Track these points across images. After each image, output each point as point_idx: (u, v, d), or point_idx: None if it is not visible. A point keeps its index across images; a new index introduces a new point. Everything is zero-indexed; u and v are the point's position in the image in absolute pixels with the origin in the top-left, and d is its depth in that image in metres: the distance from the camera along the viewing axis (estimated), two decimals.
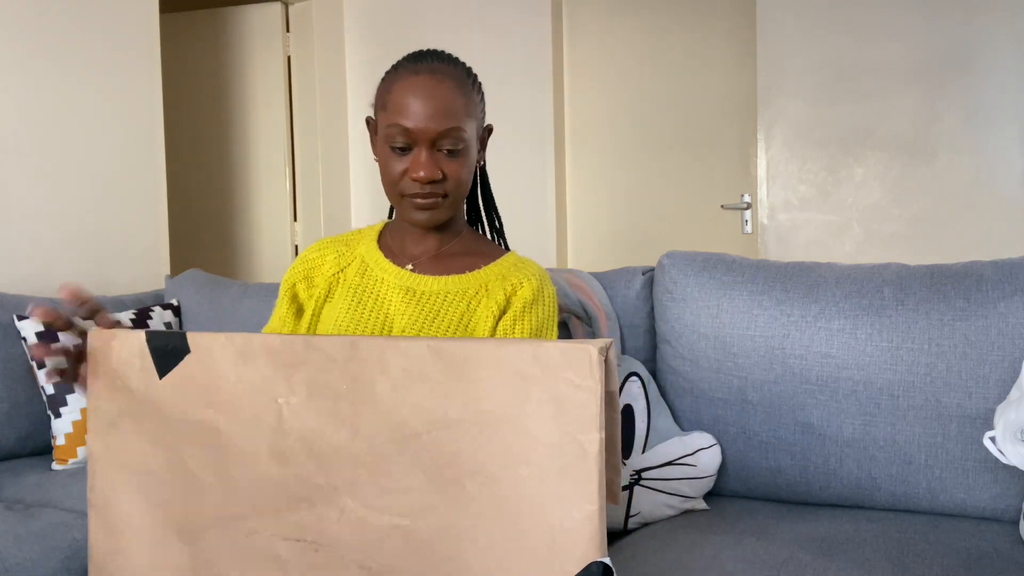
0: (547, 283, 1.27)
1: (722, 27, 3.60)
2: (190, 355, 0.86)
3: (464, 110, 1.18)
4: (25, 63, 2.61)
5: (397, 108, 1.17)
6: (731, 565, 1.26)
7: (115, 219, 2.89)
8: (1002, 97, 3.04)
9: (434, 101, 1.15)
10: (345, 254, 1.33)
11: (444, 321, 1.22)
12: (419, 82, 1.16)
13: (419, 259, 1.28)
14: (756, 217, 3.46)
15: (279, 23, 3.96)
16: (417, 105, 1.15)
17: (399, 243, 1.30)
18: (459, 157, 1.18)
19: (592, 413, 0.72)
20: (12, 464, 2.06)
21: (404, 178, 1.19)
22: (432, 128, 1.15)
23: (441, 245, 1.29)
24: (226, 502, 0.86)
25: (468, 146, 1.19)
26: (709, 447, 1.59)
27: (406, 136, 1.17)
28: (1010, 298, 1.45)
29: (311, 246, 1.37)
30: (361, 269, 1.30)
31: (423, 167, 1.16)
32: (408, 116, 1.16)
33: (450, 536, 0.78)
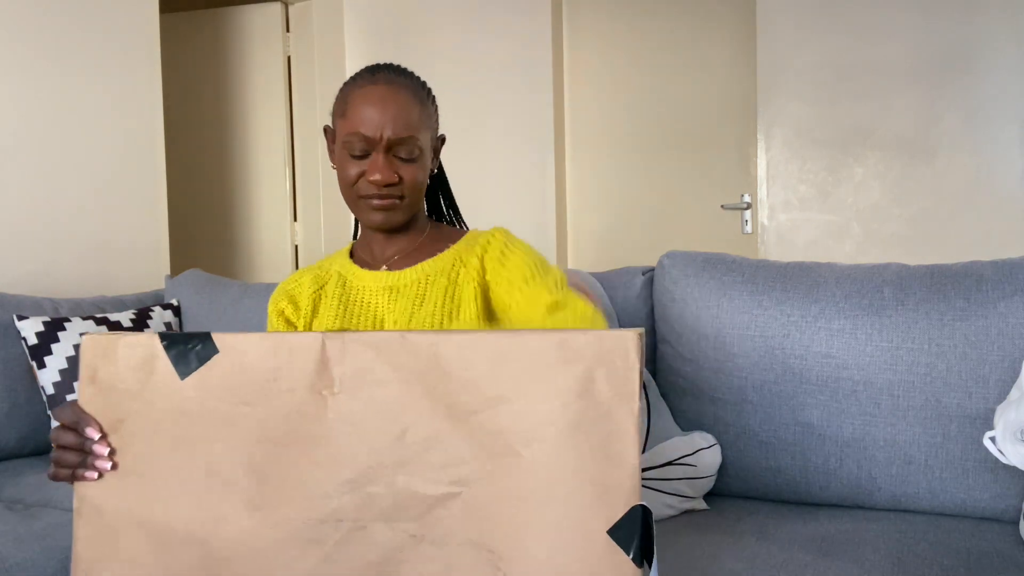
0: (512, 234, 1.32)
1: (722, 27, 3.60)
2: (218, 355, 0.88)
3: (419, 120, 1.24)
4: (25, 63, 2.61)
5: (356, 117, 1.23)
6: (731, 565, 1.26)
7: (115, 219, 2.89)
8: (1002, 97, 3.04)
9: (391, 110, 1.22)
10: (320, 275, 1.38)
11: (431, 302, 1.26)
12: (376, 92, 1.23)
13: (391, 259, 1.33)
14: (756, 217, 3.46)
15: (279, 23, 3.96)
16: (375, 113, 1.21)
17: (369, 252, 1.36)
18: (414, 163, 1.24)
19: (633, 386, 0.84)
20: (12, 464, 2.06)
21: (360, 180, 1.25)
22: (388, 135, 1.21)
23: (410, 244, 1.34)
24: (256, 495, 0.87)
25: (423, 154, 1.25)
26: (709, 447, 1.59)
27: (364, 143, 1.23)
28: (1010, 298, 1.45)
29: (286, 279, 1.42)
30: (340, 281, 1.35)
31: (379, 170, 1.22)
32: (366, 124, 1.22)
33: (505, 498, 0.83)
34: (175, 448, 0.89)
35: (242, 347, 0.88)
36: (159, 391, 0.89)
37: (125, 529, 0.89)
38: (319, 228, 3.97)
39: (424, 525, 0.84)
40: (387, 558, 0.85)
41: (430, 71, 3.90)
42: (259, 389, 0.87)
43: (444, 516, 0.84)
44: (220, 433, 0.88)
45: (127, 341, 0.90)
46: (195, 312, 2.42)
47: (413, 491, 0.85)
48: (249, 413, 0.88)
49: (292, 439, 0.87)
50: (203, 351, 0.88)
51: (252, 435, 0.87)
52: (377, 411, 0.86)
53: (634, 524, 0.82)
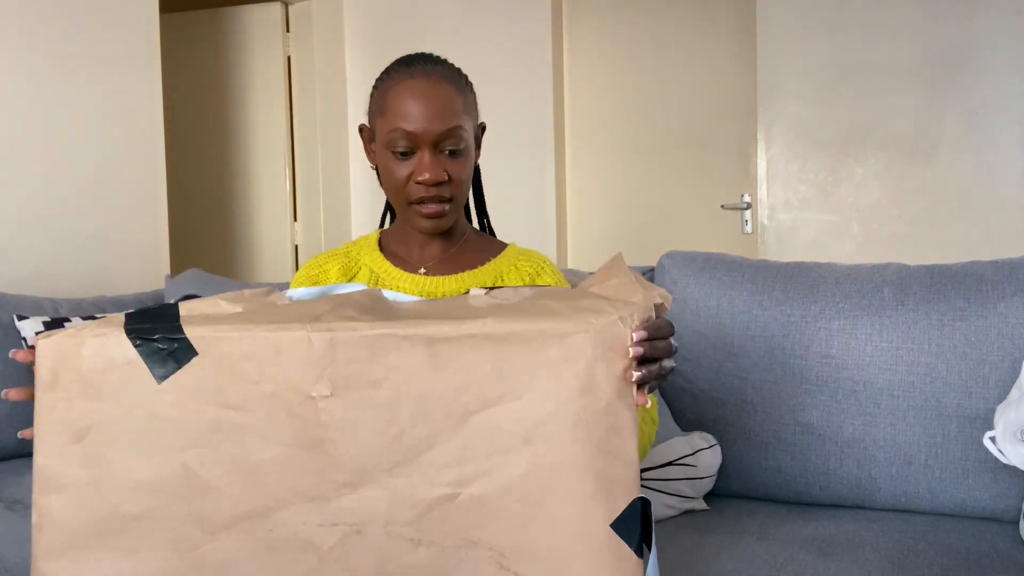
0: (557, 268, 1.30)
1: (722, 27, 3.60)
2: (198, 357, 0.82)
3: (462, 108, 1.18)
4: (25, 63, 2.61)
5: (397, 112, 1.16)
6: (731, 565, 1.26)
7: (115, 219, 2.89)
8: (1002, 97, 3.04)
9: (434, 102, 1.15)
10: (349, 265, 1.30)
11: None
12: (416, 85, 1.16)
13: (429, 263, 1.27)
14: (756, 217, 3.46)
15: (279, 23, 3.96)
16: (417, 107, 1.15)
17: (405, 249, 1.29)
18: (461, 157, 1.18)
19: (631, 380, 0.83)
20: (12, 464, 2.06)
21: (409, 183, 1.18)
22: (434, 129, 1.15)
23: (449, 247, 1.28)
24: (243, 501, 0.83)
25: (469, 145, 1.19)
26: (709, 447, 1.59)
27: (408, 139, 1.15)
28: (1010, 298, 1.45)
29: (308, 262, 1.34)
30: (372, 280, 1.28)
31: (428, 169, 1.15)
32: (409, 119, 1.15)
33: (506, 496, 0.82)
34: (151, 456, 0.83)
35: (223, 347, 0.82)
36: (131, 396, 0.82)
37: (93, 547, 0.83)
38: (319, 228, 3.97)
39: (422, 528, 0.82)
40: (385, 562, 0.83)
41: None
42: (244, 393, 0.82)
43: (443, 518, 0.82)
44: (203, 439, 0.83)
45: (92, 343, 0.82)
46: None
47: (411, 493, 0.82)
48: (234, 418, 0.82)
49: (281, 444, 0.82)
50: (180, 353, 0.82)
51: (238, 441, 0.82)
52: (371, 412, 0.82)
53: (634, 516, 0.82)
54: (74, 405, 0.83)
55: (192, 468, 0.83)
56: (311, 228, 4.00)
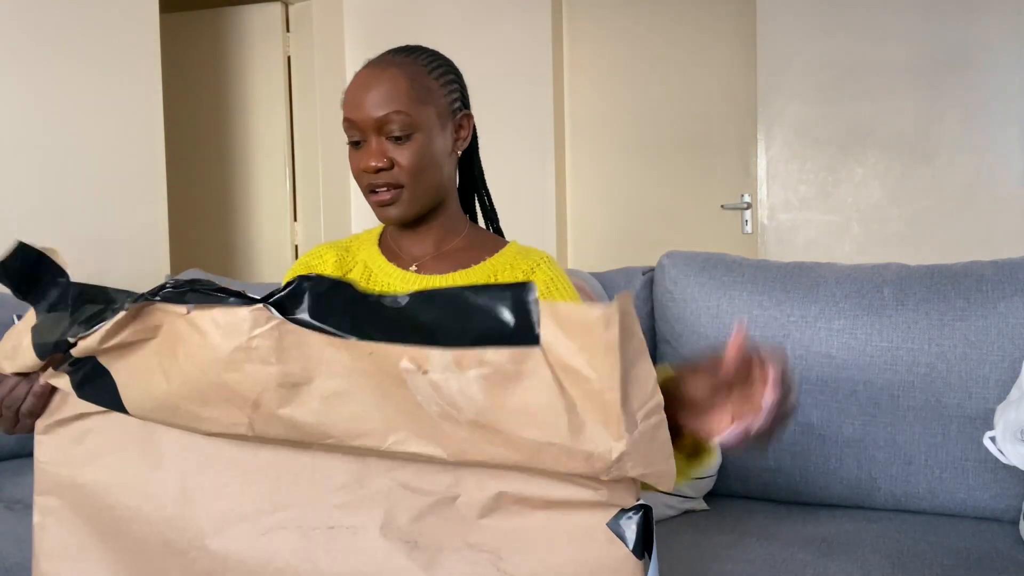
0: (558, 266, 1.26)
1: (722, 27, 3.60)
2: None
3: (409, 94, 1.15)
4: (26, 63, 2.61)
5: (346, 102, 1.17)
6: (731, 565, 1.26)
7: (115, 219, 2.89)
8: (1002, 97, 3.04)
9: (376, 88, 1.14)
10: (346, 259, 1.30)
11: None
12: (363, 74, 1.17)
13: (421, 259, 1.25)
14: (756, 217, 3.46)
15: (279, 23, 3.96)
16: (359, 95, 1.15)
17: (399, 244, 1.27)
18: (408, 143, 1.15)
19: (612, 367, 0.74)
20: (12, 464, 2.06)
21: (361, 174, 1.18)
22: (372, 115, 1.14)
23: (442, 243, 1.26)
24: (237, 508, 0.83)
25: (419, 131, 1.16)
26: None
27: (353, 128, 1.16)
28: (1010, 298, 1.45)
29: (309, 252, 1.33)
30: (365, 275, 1.27)
31: (370, 156, 1.15)
32: (351, 107, 1.16)
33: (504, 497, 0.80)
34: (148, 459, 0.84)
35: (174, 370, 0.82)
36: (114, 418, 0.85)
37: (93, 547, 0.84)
38: (319, 228, 3.97)
39: (417, 532, 0.81)
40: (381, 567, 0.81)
41: None
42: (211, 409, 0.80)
43: (440, 522, 0.81)
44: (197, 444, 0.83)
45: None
46: None
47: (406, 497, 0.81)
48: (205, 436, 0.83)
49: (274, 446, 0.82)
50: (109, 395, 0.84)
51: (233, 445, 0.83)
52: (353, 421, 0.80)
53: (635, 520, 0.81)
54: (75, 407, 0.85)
55: (188, 471, 0.83)
56: (311, 228, 4.00)
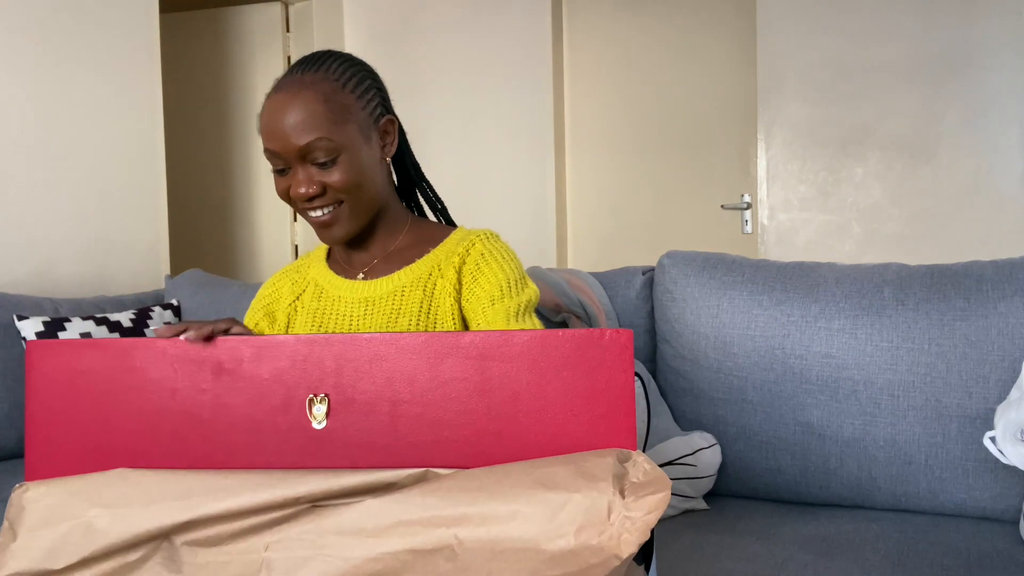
0: (499, 239, 1.24)
1: (722, 27, 3.60)
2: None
3: (328, 116, 1.14)
4: (26, 64, 2.61)
5: (263, 131, 1.16)
6: (731, 565, 1.26)
7: (115, 219, 2.89)
8: (1002, 97, 3.04)
9: (290, 117, 1.13)
10: (298, 281, 1.31)
11: (405, 316, 1.18)
12: (276, 101, 1.16)
13: (370, 264, 1.25)
14: (756, 217, 3.46)
15: (279, 23, 3.96)
16: (275, 125, 1.14)
17: (346, 255, 1.28)
18: (335, 165, 1.15)
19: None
20: (12, 464, 2.06)
21: (291, 199, 1.18)
22: (294, 145, 1.13)
23: (387, 246, 1.26)
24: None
25: (344, 152, 1.15)
26: (709, 447, 1.59)
27: (276, 157, 1.16)
28: (1010, 298, 1.45)
29: (266, 283, 1.35)
30: (316, 293, 1.27)
31: (299, 184, 1.15)
32: (269, 138, 1.15)
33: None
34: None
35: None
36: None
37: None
38: None
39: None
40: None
41: (430, 71, 3.92)
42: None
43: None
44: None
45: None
46: (195, 312, 2.42)
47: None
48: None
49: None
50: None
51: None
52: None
53: None
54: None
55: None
56: (311, 228, 3.99)
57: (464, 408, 0.84)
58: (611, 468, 0.77)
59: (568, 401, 0.83)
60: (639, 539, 0.74)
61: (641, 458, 0.80)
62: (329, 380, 0.87)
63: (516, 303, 1.17)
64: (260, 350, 0.88)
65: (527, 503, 0.77)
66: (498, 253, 1.21)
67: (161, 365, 0.89)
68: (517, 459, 0.83)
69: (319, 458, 0.86)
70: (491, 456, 0.83)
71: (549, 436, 0.83)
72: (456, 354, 0.85)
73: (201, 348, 0.89)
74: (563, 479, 0.77)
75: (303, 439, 0.86)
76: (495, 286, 1.18)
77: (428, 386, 0.85)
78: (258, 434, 0.87)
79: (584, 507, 0.75)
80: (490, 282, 1.18)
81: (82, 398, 0.90)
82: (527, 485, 0.78)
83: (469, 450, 0.84)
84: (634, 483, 0.77)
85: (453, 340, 0.85)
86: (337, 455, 0.86)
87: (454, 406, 0.85)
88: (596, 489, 0.76)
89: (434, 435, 0.85)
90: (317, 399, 0.87)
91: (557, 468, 0.79)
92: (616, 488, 0.76)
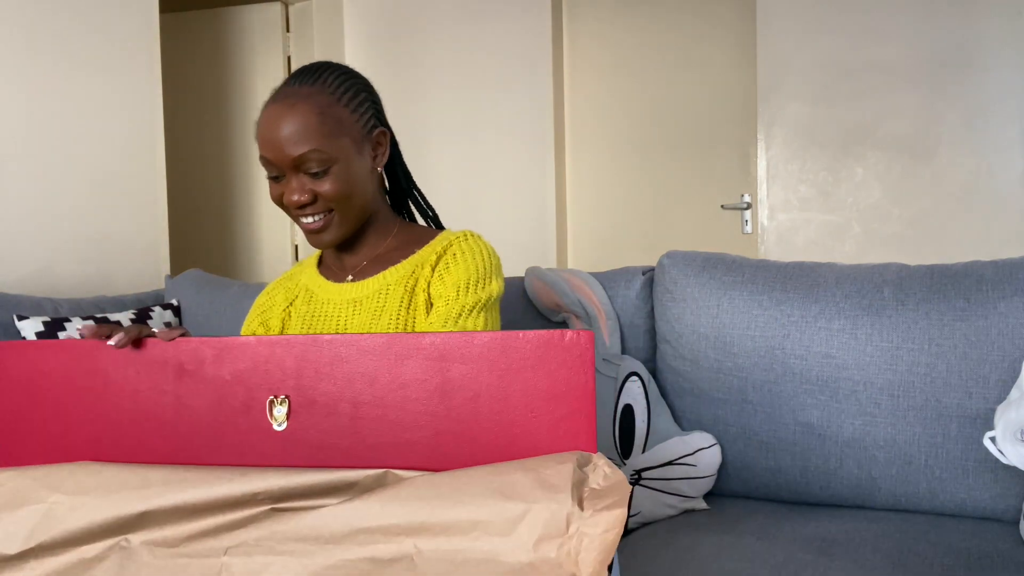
0: (479, 238, 1.27)
1: (722, 27, 3.60)
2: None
3: (321, 129, 1.18)
4: (25, 63, 2.61)
5: (259, 139, 1.20)
6: (731, 565, 1.26)
7: (115, 219, 2.89)
8: (1002, 97, 3.04)
9: (285, 128, 1.17)
10: (291, 288, 1.35)
11: (388, 314, 1.22)
12: (273, 111, 1.19)
13: (359, 267, 1.29)
14: (756, 217, 3.46)
15: (279, 23, 3.96)
16: (271, 135, 1.18)
17: (335, 260, 1.33)
18: (327, 176, 1.19)
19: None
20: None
21: (285, 206, 1.22)
22: (289, 154, 1.17)
23: (375, 249, 1.30)
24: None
25: (337, 163, 1.19)
26: (709, 447, 1.59)
27: (270, 165, 1.20)
28: (1010, 298, 1.45)
29: (262, 292, 1.39)
30: (307, 298, 1.32)
31: (292, 192, 1.19)
32: (266, 147, 1.19)
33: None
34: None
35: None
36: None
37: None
38: None
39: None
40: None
41: (430, 71, 3.92)
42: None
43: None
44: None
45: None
46: (195, 312, 2.42)
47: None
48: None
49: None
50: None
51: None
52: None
53: None
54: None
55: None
56: None
57: (425, 409, 0.84)
58: (571, 476, 0.77)
59: (529, 402, 0.82)
60: (601, 559, 0.73)
61: (602, 461, 0.80)
62: (290, 381, 0.86)
63: (472, 301, 1.20)
64: (221, 351, 0.88)
65: (486, 513, 0.77)
66: (469, 252, 1.24)
67: (123, 366, 0.90)
68: (478, 460, 0.83)
69: (280, 459, 0.86)
70: (452, 457, 0.83)
71: (510, 438, 0.83)
72: (417, 355, 0.84)
73: (165, 348, 0.89)
74: (522, 488, 0.77)
75: (264, 440, 0.86)
76: (454, 285, 1.21)
77: (389, 387, 0.85)
78: (219, 435, 0.87)
79: (543, 519, 0.75)
80: (453, 280, 1.21)
81: (45, 399, 0.91)
82: (487, 494, 0.78)
83: (430, 452, 0.84)
84: (594, 490, 0.77)
85: (414, 341, 0.85)
86: (298, 456, 0.86)
87: (415, 407, 0.84)
88: (555, 500, 0.75)
89: (395, 436, 0.84)
90: (278, 400, 0.87)
91: (517, 476, 0.79)
92: (575, 498, 0.76)
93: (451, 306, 1.20)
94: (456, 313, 1.19)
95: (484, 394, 0.83)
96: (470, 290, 1.21)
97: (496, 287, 1.24)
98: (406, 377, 0.84)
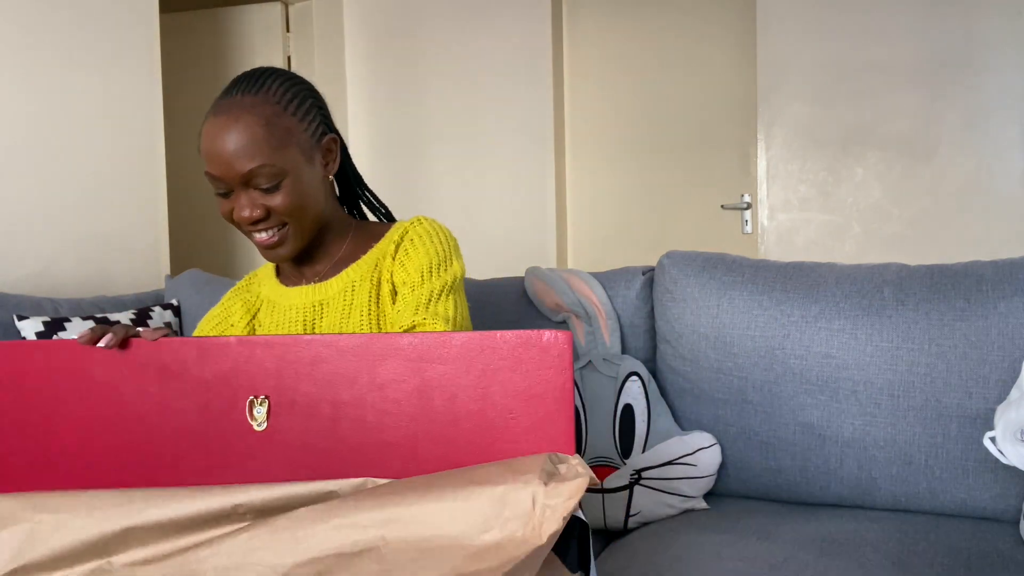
0: (433, 222, 1.26)
1: (722, 27, 3.60)
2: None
3: (269, 142, 1.13)
4: (25, 63, 2.61)
5: (204, 154, 1.16)
6: (731, 565, 1.26)
7: (115, 219, 2.89)
8: (1002, 97, 3.04)
9: (231, 143, 1.12)
10: (250, 300, 1.32)
11: (357, 311, 1.20)
12: (216, 124, 1.14)
13: (320, 273, 1.28)
14: (756, 217, 3.46)
15: (279, 23, 3.96)
16: (216, 150, 1.13)
17: (294, 270, 1.30)
18: (279, 189, 1.15)
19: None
20: None
21: (234, 219, 1.18)
22: (236, 171, 1.13)
23: (334, 255, 1.28)
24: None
25: (287, 176, 1.15)
26: (709, 447, 1.59)
27: (218, 181, 1.16)
28: (1010, 298, 1.45)
29: (219, 303, 1.36)
30: (269, 308, 1.29)
31: (242, 208, 1.15)
32: (212, 163, 1.14)
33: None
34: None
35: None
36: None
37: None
38: None
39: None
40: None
41: (430, 71, 3.92)
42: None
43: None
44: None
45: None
46: (195, 312, 2.42)
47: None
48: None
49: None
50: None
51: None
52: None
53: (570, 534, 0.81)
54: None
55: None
56: None
57: (403, 410, 0.84)
58: (541, 464, 0.78)
59: (507, 403, 0.82)
60: (561, 523, 0.75)
61: (575, 460, 0.80)
62: (270, 382, 0.86)
63: (439, 285, 1.18)
64: (203, 352, 0.88)
65: (455, 498, 0.77)
66: (427, 235, 1.23)
67: (107, 367, 0.89)
68: (457, 461, 0.83)
69: (261, 460, 0.86)
70: (430, 458, 0.83)
71: (488, 439, 0.83)
72: (395, 356, 0.84)
73: (149, 349, 0.89)
74: (493, 475, 0.78)
75: (245, 441, 0.86)
76: (416, 271, 1.19)
77: (367, 388, 0.85)
78: (202, 435, 0.87)
79: (510, 499, 0.76)
80: (415, 263, 1.20)
81: (29, 399, 0.91)
82: (458, 485, 0.78)
83: (408, 452, 0.84)
84: (561, 475, 0.78)
85: (392, 341, 0.84)
86: (278, 457, 0.85)
87: (393, 408, 0.84)
88: (522, 481, 0.76)
89: (374, 437, 0.84)
90: (258, 401, 0.86)
91: (490, 468, 0.79)
92: (541, 480, 0.76)
93: (418, 292, 1.17)
94: (425, 300, 1.17)
95: (462, 395, 0.83)
96: (434, 274, 1.19)
97: (458, 267, 1.23)
98: (384, 378, 0.84)
